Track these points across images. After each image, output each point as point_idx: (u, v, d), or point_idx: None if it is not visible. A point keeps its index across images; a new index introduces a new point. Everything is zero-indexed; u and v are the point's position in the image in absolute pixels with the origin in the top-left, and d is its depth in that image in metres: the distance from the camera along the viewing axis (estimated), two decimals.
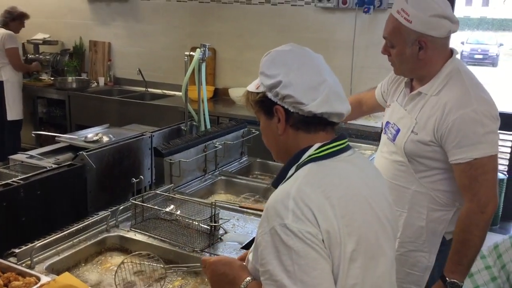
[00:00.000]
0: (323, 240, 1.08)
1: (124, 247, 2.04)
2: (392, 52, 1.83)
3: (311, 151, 1.18)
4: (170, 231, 2.06)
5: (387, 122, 1.98)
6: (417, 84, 1.89)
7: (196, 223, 2.05)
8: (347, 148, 1.24)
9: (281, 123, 1.20)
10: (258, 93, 1.24)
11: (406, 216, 1.87)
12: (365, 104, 2.32)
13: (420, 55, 1.77)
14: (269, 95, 1.20)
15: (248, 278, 1.18)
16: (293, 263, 1.06)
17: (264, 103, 1.23)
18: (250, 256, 1.21)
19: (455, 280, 1.74)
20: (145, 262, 1.86)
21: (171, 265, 1.83)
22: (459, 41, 14.86)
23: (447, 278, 1.75)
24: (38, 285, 1.41)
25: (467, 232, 1.73)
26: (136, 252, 1.92)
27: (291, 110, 1.18)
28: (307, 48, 1.28)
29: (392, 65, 1.90)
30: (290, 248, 1.06)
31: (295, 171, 1.18)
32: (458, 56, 1.88)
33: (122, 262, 1.80)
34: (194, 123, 3.07)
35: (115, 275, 1.76)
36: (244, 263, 1.26)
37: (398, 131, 1.87)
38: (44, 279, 1.47)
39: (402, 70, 1.90)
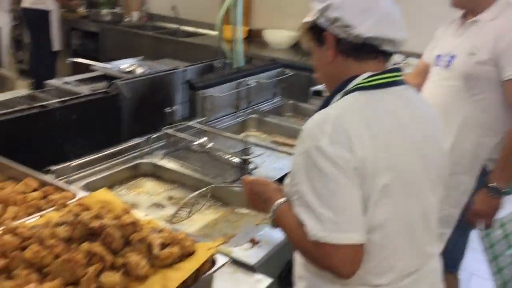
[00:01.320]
0: (357, 168, 1.06)
1: (156, 174, 2.07)
2: None
3: (359, 80, 1.15)
4: (201, 162, 2.08)
5: (438, 56, 2.06)
6: (471, 16, 1.98)
7: (228, 156, 2.06)
8: (399, 82, 1.19)
9: (330, 49, 1.17)
10: (310, 21, 1.21)
11: (453, 140, 1.95)
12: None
13: None
14: (320, 20, 1.17)
15: (281, 200, 1.19)
16: (323, 186, 1.05)
17: (314, 30, 1.20)
18: (287, 180, 1.22)
19: (497, 186, 1.89)
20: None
21: (214, 185, 1.84)
22: None
23: (490, 184, 1.90)
24: (75, 199, 1.46)
25: None
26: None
27: (341, 36, 1.14)
28: None
29: None
30: (321, 171, 1.05)
31: (340, 98, 1.15)
32: None
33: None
34: (227, 61, 3.03)
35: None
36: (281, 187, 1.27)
37: (453, 57, 1.98)
38: (81, 194, 1.52)
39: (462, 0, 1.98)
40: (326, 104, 1.18)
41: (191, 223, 1.76)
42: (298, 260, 1.27)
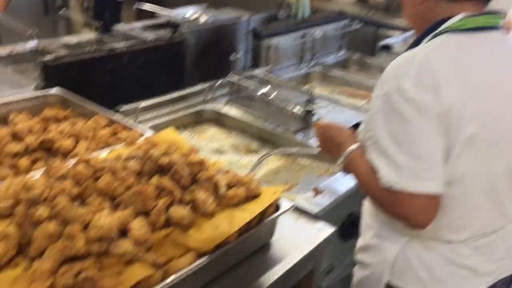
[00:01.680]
0: (441, 115, 0.98)
1: (219, 120, 2.07)
2: None
3: (451, 22, 1.04)
4: (264, 112, 2.05)
5: None
6: None
7: (291, 106, 2.02)
8: (498, 27, 1.09)
9: None
10: None
11: None
12: None
13: None
14: None
15: (354, 146, 1.15)
16: (401, 131, 0.99)
17: None
18: (361, 126, 1.17)
19: None
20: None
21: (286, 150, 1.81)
22: None
23: None
24: (143, 138, 1.48)
25: None
26: None
27: None
28: None
29: None
30: (402, 115, 0.98)
31: (430, 40, 1.07)
32: None
33: None
34: (292, 12, 2.93)
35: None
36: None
37: None
38: (148, 133, 1.54)
39: None
40: (413, 47, 1.10)
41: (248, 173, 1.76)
42: (367, 209, 1.23)
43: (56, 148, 1.48)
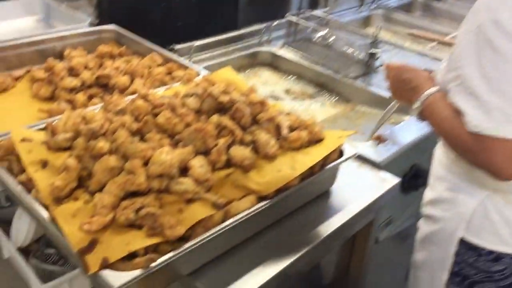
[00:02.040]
0: None
1: (274, 64, 1.99)
2: None
3: None
4: (323, 55, 1.95)
5: None
6: None
7: (352, 50, 1.90)
8: None
9: None
10: None
11: None
12: None
13: None
14: None
15: (433, 89, 1.04)
16: (495, 69, 0.87)
17: None
18: (442, 66, 1.06)
19: None
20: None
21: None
22: None
23: None
24: (200, 77, 1.43)
25: None
26: None
27: None
28: None
29: None
30: (496, 50, 0.87)
31: None
32: None
33: None
34: None
35: None
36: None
37: None
38: (204, 73, 1.48)
39: None
40: None
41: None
42: (440, 160, 1.14)
43: (112, 85, 1.45)
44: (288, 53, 1.98)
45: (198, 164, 0.93)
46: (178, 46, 1.77)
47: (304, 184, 1.03)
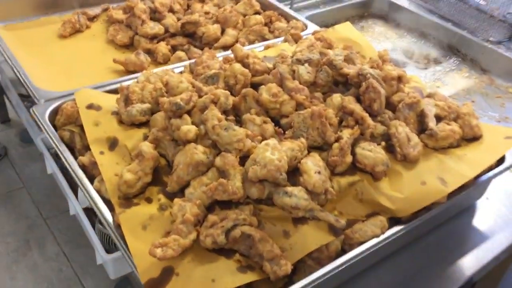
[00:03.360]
0: None
1: (390, 16, 1.63)
2: None
3: None
4: (456, 9, 1.56)
5: None
6: None
7: (495, 7, 1.50)
8: None
9: None
10: None
11: None
12: None
13: None
14: None
15: None
16: None
17: None
18: None
19: None
20: None
21: None
22: None
23: None
24: (307, 32, 1.14)
25: None
26: None
27: None
28: None
29: None
30: None
31: None
32: None
33: None
34: None
35: None
36: None
37: None
38: (312, 26, 1.19)
39: None
40: None
41: (432, 88, 1.34)
42: None
43: (200, 35, 1.20)
44: (410, 4, 1.61)
45: (315, 168, 0.66)
46: None
47: (453, 202, 0.74)
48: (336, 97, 0.77)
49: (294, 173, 0.68)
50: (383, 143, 0.74)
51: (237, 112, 0.77)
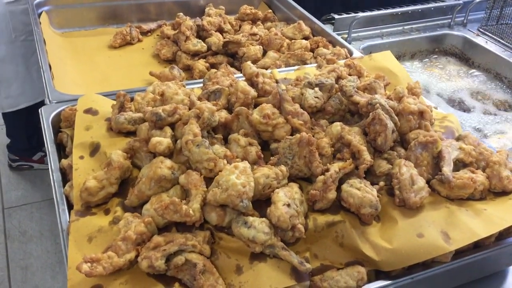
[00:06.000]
0: None
1: (464, 54, 1.48)
2: None
3: None
4: None
5: None
6: None
7: None
8: None
9: None
10: None
11: None
12: None
13: None
14: None
15: None
16: None
17: None
18: None
19: None
20: None
21: None
22: None
23: None
24: (350, 58, 1.06)
25: None
26: None
27: None
28: None
29: None
30: None
31: None
32: None
33: None
34: None
35: None
36: None
37: None
38: (357, 54, 1.10)
39: None
40: None
41: (492, 138, 1.18)
42: None
43: (241, 55, 1.17)
44: (487, 42, 1.45)
45: (285, 200, 0.58)
46: (337, 16, 1.40)
47: (461, 264, 0.61)
48: (336, 126, 0.68)
49: (268, 203, 0.60)
50: (381, 183, 0.64)
51: (229, 131, 0.72)
